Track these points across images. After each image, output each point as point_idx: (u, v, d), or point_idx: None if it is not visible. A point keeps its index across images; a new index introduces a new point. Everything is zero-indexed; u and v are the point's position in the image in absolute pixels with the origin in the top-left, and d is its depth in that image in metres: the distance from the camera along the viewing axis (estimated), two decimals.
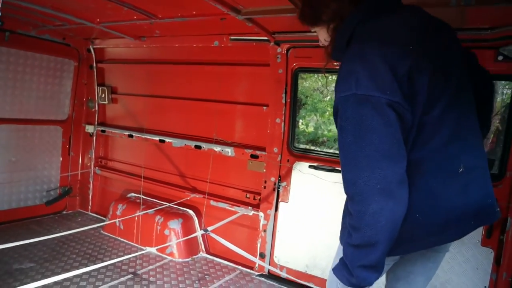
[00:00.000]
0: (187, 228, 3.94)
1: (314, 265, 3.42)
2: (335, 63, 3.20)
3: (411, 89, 1.35)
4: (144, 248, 3.87)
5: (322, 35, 1.67)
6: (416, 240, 1.48)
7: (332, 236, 3.31)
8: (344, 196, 3.47)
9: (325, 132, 6.39)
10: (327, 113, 6.29)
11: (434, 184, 1.42)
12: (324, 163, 3.36)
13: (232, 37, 3.57)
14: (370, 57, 1.36)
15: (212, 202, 3.91)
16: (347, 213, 1.46)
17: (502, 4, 2.08)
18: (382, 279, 1.87)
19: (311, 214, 3.42)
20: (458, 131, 1.47)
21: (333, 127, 6.51)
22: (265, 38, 3.36)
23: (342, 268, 1.48)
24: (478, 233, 2.71)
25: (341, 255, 1.73)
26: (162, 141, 4.26)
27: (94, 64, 4.76)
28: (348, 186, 1.39)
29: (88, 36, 4.53)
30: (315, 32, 1.71)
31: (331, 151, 6.00)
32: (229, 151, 3.83)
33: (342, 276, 1.48)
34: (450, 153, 1.45)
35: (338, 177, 3.25)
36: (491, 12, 2.27)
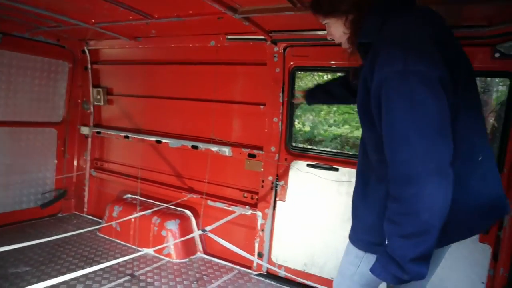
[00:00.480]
0: (185, 229, 3.92)
1: (312, 263, 3.42)
2: (332, 61, 3.24)
3: (449, 68, 1.33)
4: (141, 249, 3.84)
5: (336, 28, 1.62)
6: (448, 231, 1.36)
7: (330, 234, 3.33)
8: (344, 195, 3.45)
9: (321, 132, 6.40)
10: (323, 112, 6.31)
11: (461, 171, 1.35)
12: (322, 162, 3.36)
13: (229, 37, 3.57)
14: (416, 33, 1.35)
15: (209, 202, 3.90)
16: (391, 201, 1.35)
17: (499, 2, 2.10)
18: None
19: (309, 213, 3.42)
20: (476, 121, 1.49)
21: (328, 127, 6.52)
22: (262, 37, 3.36)
23: (387, 266, 1.36)
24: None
25: (351, 254, 1.71)
26: (158, 141, 4.24)
27: (89, 66, 4.73)
28: (399, 167, 1.29)
29: (82, 37, 4.50)
30: (325, 23, 1.66)
31: (329, 149, 6.04)
32: (226, 150, 3.82)
33: (388, 275, 1.37)
34: (472, 141, 1.44)
35: (336, 175, 3.30)
36: (487, 9, 2.29)
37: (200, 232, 3.01)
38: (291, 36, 3.25)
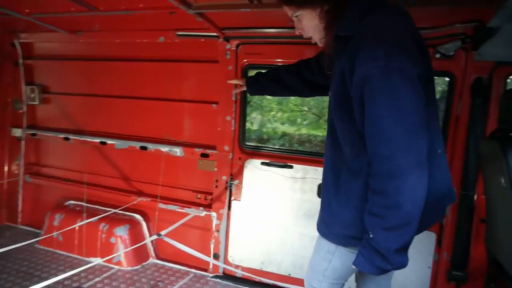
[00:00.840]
0: (135, 234, 3.73)
1: (269, 261, 3.43)
2: (285, 59, 3.26)
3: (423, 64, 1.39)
4: (88, 259, 3.58)
5: (310, 20, 1.57)
6: (422, 220, 1.40)
7: (286, 231, 3.36)
8: (298, 191, 3.46)
9: (269, 130, 6.47)
10: (272, 111, 6.38)
11: (429, 163, 1.40)
12: (276, 160, 3.38)
13: (179, 33, 3.45)
14: (399, 29, 1.36)
15: (161, 205, 3.74)
16: (373, 195, 1.38)
17: (442, 5, 2.25)
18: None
19: (264, 211, 3.43)
20: (435, 116, 1.59)
21: (278, 125, 6.59)
22: (214, 34, 3.30)
23: (371, 259, 1.40)
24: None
25: (322, 250, 1.73)
26: (103, 143, 3.98)
27: (21, 61, 4.30)
28: (383, 162, 1.32)
29: (13, 29, 4.08)
30: (296, 16, 1.61)
31: (283, 147, 6.08)
32: (177, 151, 3.69)
33: (373, 267, 1.42)
34: (434, 134, 1.52)
35: (291, 172, 3.33)
36: (431, 13, 2.44)
37: (156, 236, 2.87)
38: (244, 33, 3.22)
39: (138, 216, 3.87)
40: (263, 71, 2.45)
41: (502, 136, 2.17)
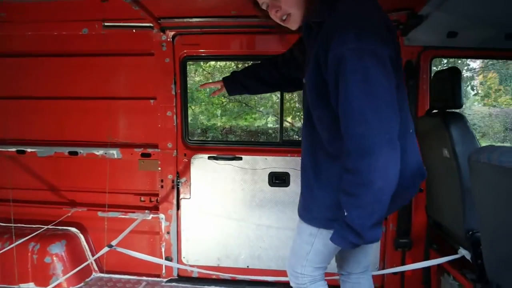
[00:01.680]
0: (73, 250, 3.36)
1: (226, 256, 3.38)
2: (225, 49, 3.16)
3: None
4: (17, 287, 3.13)
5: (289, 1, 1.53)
6: (395, 198, 1.47)
7: (241, 223, 3.33)
8: (249, 182, 3.42)
9: (205, 122, 6.33)
10: (204, 103, 6.23)
11: (402, 141, 1.47)
12: (224, 153, 3.31)
13: (106, 24, 3.13)
14: (369, 12, 1.40)
15: (100, 213, 3.42)
16: (346, 174, 1.41)
17: None
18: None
19: (216, 206, 3.35)
20: (405, 98, 1.66)
21: (212, 118, 6.49)
22: (148, 24, 3.06)
23: (346, 235, 1.46)
24: None
25: (304, 233, 1.74)
26: (21, 151, 3.47)
27: None
28: (355, 140, 1.36)
29: None
30: (278, 2, 1.56)
31: (229, 139, 5.96)
32: (114, 153, 3.39)
33: (348, 243, 1.49)
34: (406, 115, 1.62)
35: (240, 164, 3.30)
36: None
37: (107, 248, 2.62)
38: (181, 23, 3.05)
39: (74, 229, 3.48)
40: (241, 69, 2.33)
41: (443, 113, 2.41)
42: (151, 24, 3.06)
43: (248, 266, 3.36)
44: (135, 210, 3.42)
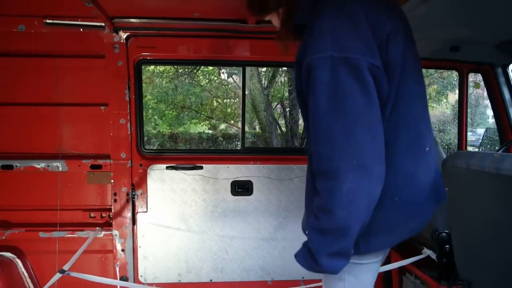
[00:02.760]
0: (9, 278, 2.93)
1: (187, 271, 3.20)
2: (184, 53, 3.02)
3: (387, 55, 1.25)
4: None
5: (276, 23, 1.53)
6: (395, 228, 1.38)
7: (203, 235, 3.19)
8: (211, 192, 3.31)
9: (150, 130, 6.01)
10: (150, 110, 5.91)
11: (407, 163, 1.35)
12: (183, 162, 3.14)
13: (48, 21, 2.79)
14: (350, 12, 1.23)
15: (41, 234, 3.04)
16: (315, 194, 1.29)
17: None
18: None
19: (175, 218, 3.17)
20: (424, 107, 1.45)
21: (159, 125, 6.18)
22: (97, 24, 2.80)
23: (305, 254, 1.31)
24: None
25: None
26: None
27: None
28: (320, 161, 1.23)
29: None
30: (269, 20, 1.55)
31: (188, 148, 5.64)
32: (59, 165, 3.04)
33: (305, 263, 1.33)
34: (421, 130, 1.41)
35: (201, 173, 3.15)
36: None
37: (59, 275, 2.32)
38: (137, 24, 2.83)
39: (8, 254, 3.03)
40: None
41: None
42: (102, 24, 2.79)
43: (211, 280, 3.21)
44: (84, 227, 3.09)
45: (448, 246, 2.39)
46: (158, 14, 2.77)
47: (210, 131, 10.28)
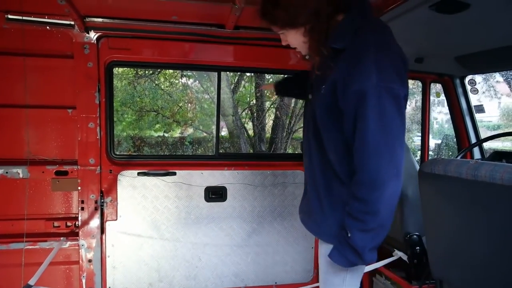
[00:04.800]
0: None
1: (159, 279, 3.11)
2: (159, 57, 2.94)
3: None
4: None
5: (294, 38, 1.60)
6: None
7: (176, 243, 3.13)
8: (184, 199, 3.27)
9: (120, 134, 5.76)
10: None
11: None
12: (156, 168, 3.05)
13: (11, 16, 2.60)
14: (391, 48, 1.44)
15: None
16: (354, 200, 1.49)
17: None
18: None
19: (147, 226, 3.07)
20: None
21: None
22: (66, 22, 2.66)
23: (346, 254, 1.54)
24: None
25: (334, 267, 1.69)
26: None
27: None
28: (368, 173, 1.44)
29: None
30: (280, 33, 1.62)
31: (162, 153, 5.42)
32: (19, 172, 2.83)
33: (345, 261, 1.56)
34: None
35: (173, 179, 3.07)
36: None
37: None
38: (111, 24, 2.70)
39: None
40: None
41: None
42: (71, 22, 2.65)
43: None
44: (47, 238, 2.90)
45: (418, 247, 2.54)
46: (134, 16, 2.67)
47: (167, 135, 10.11)
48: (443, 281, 2.10)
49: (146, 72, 9.25)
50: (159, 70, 8.77)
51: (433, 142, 9.86)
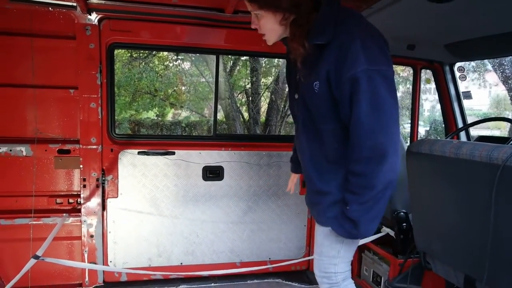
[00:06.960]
0: None
1: (158, 255, 3.25)
2: (160, 39, 3.01)
3: None
4: None
5: (268, 22, 1.63)
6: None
7: (174, 219, 3.26)
8: (182, 177, 3.36)
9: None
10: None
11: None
12: (156, 147, 3.16)
13: None
14: (373, 32, 1.55)
15: (2, 222, 2.91)
16: (352, 176, 1.60)
17: None
18: None
19: (147, 203, 3.19)
20: None
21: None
22: (68, 3, 2.71)
23: (344, 224, 1.66)
24: (297, 186, 3.34)
25: (330, 235, 1.82)
26: None
27: None
28: (366, 150, 1.53)
29: None
30: (256, 14, 1.63)
31: (161, 133, 5.47)
32: (23, 149, 2.92)
33: (345, 231, 1.69)
34: None
35: (172, 158, 3.19)
36: None
37: (34, 260, 2.27)
38: (113, 6, 2.76)
39: None
40: None
41: None
42: (74, 4, 2.71)
43: (181, 263, 3.29)
44: (50, 214, 3.01)
45: (405, 224, 2.70)
46: None
47: (159, 118, 10.15)
48: (426, 253, 2.27)
49: (141, 54, 9.25)
50: (154, 52, 8.77)
51: (422, 129, 10.04)
